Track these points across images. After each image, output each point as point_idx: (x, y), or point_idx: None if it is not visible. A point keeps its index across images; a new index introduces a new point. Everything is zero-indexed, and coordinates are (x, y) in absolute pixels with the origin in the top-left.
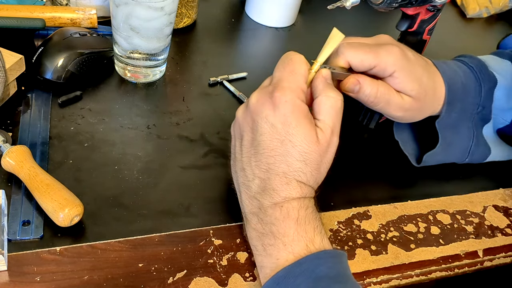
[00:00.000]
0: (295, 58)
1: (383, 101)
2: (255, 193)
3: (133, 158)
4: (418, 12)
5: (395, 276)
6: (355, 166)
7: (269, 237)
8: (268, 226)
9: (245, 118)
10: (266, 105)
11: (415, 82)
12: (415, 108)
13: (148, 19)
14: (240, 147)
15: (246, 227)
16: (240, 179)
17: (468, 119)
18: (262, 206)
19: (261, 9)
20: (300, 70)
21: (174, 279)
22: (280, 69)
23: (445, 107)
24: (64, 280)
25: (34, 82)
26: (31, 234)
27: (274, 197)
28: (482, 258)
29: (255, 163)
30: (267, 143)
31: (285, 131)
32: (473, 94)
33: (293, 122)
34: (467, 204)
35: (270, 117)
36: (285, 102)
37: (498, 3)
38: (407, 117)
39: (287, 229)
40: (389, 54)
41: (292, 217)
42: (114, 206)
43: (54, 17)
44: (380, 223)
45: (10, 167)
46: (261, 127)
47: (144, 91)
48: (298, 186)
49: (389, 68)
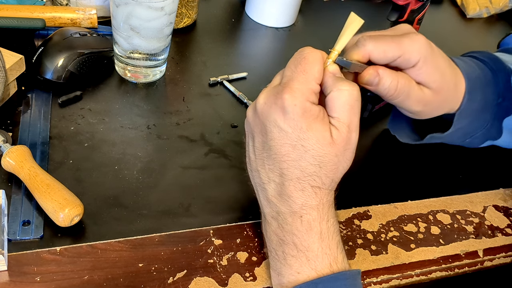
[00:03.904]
0: (309, 56)
1: (403, 94)
2: (272, 196)
3: (133, 158)
4: (408, 2)
5: (395, 276)
6: (355, 166)
7: (291, 247)
8: (290, 236)
9: (254, 119)
10: (274, 108)
11: (438, 74)
12: (435, 102)
13: (148, 19)
14: (253, 148)
15: (265, 227)
16: (256, 180)
17: (488, 110)
18: (281, 212)
19: (261, 9)
20: (313, 70)
21: (174, 279)
22: (292, 68)
23: (466, 97)
24: (64, 280)
25: (34, 82)
26: (31, 234)
27: (291, 205)
28: (482, 258)
29: (268, 167)
30: (278, 148)
31: (296, 136)
32: (491, 84)
33: (304, 126)
34: (467, 204)
35: (279, 121)
36: (294, 106)
37: (498, 3)
38: (425, 112)
39: (311, 244)
40: (414, 43)
41: (315, 230)
42: (114, 206)
43: (54, 17)
44: (380, 223)
45: (10, 167)
46: (270, 132)
47: (144, 91)
48: (313, 192)
49: (414, 57)
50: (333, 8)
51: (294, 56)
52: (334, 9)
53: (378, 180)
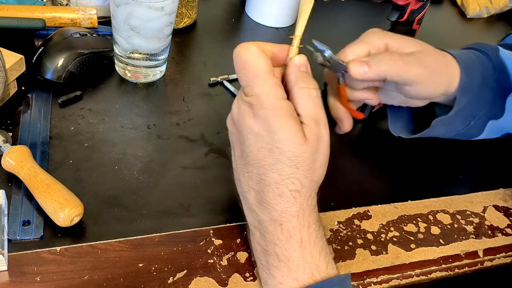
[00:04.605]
0: (247, 58)
1: (399, 60)
2: (252, 204)
3: (133, 158)
4: (408, 2)
5: (395, 276)
6: (354, 165)
7: (273, 257)
8: (272, 246)
9: (232, 129)
10: (246, 115)
11: (409, 41)
12: (431, 62)
13: (148, 19)
14: (234, 157)
15: (250, 237)
16: (239, 189)
17: (488, 85)
18: (261, 221)
19: (261, 9)
20: (262, 67)
21: (174, 279)
22: (242, 77)
23: (463, 73)
24: (64, 280)
25: (34, 82)
26: (31, 234)
27: (271, 212)
28: (482, 258)
29: (247, 174)
30: (254, 153)
31: (271, 139)
32: (483, 60)
33: (278, 127)
34: (467, 204)
35: (252, 126)
36: (264, 109)
37: (498, 3)
38: (429, 78)
39: (292, 252)
40: (370, 34)
41: (295, 239)
42: (114, 206)
43: (54, 17)
44: (380, 223)
45: (10, 167)
46: (247, 138)
47: (144, 91)
48: (292, 197)
49: (378, 42)
50: (333, 8)
51: (235, 62)
52: (334, 9)
53: (378, 180)
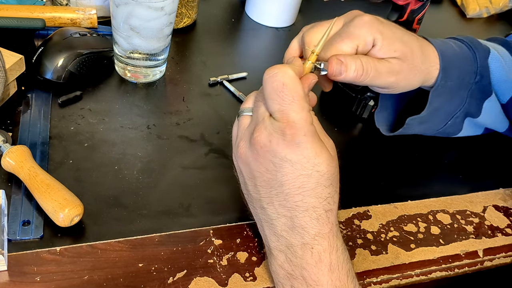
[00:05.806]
0: (287, 81)
1: (372, 70)
2: (281, 230)
3: (133, 158)
4: (408, 2)
5: (395, 276)
6: (354, 165)
7: (300, 281)
8: (299, 270)
9: (255, 159)
10: (283, 145)
11: (397, 42)
12: (405, 69)
13: (148, 19)
14: (255, 187)
15: (270, 261)
16: (261, 216)
17: (465, 88)
18: (291, 245)
19: (261, 9)
20: (299, 92)
21: (174, 279)
22: (277, 100)
23: (441, 74)
24: (64, 280)
25: (34, 82)
26: (31, 234)
27: (304, 236)
28: (482, 258)
29: (278, 203)
30: (291, 182)
31: (311, 164)
32: (468, 61)
33: (317, 152)
34: (467, 204)
35: (289, 155)
36: (304, 136)
37: (498, 3)
38: (401, 82)
39: (321, 277)
40: (361, 26)
41: (325, 262)
42: (114, 206)
43: (54, 17)
44: (380, 223)
45: (10, 167)
46: (281, 168)
47: (144, 91)
48: (326, 218)
49: (368, 38)
50: (333, 8)
51: (269, 83)
52: (334, 9)
53: (378, 180)
